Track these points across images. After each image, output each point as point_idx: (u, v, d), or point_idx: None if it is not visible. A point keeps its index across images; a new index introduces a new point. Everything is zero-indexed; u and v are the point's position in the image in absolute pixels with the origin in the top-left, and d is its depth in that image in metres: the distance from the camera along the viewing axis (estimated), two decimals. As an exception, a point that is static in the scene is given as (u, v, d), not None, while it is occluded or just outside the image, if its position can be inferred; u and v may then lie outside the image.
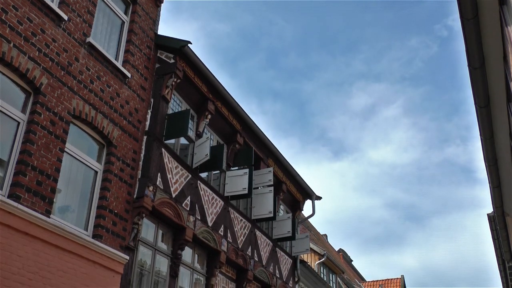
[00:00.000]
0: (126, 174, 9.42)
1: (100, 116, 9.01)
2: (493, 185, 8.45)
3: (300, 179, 16.50)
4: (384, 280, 40.66)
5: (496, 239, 13.04)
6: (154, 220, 10.23)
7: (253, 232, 13.89)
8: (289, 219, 15.60)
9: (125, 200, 9.26)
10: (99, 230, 8.53)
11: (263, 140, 14.52)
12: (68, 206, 8.49)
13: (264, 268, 14.06)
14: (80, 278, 7.82)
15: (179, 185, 10.73)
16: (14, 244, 6.84)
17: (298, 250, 16.55)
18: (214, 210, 12.01)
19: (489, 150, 7.56)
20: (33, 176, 7.38)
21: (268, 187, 14.16)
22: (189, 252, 11.27)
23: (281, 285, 15.04)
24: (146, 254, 9.94)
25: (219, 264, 11.83)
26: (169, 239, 10.63)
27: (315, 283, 18.67)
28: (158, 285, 10.12)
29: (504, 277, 17.34)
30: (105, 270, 8.39)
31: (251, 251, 13.50)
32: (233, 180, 12.82)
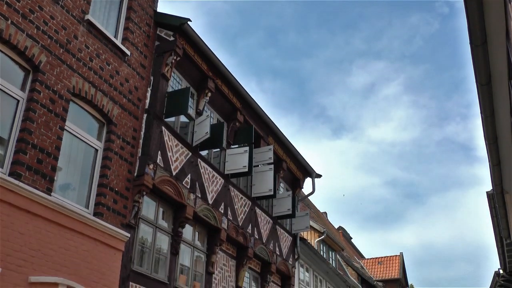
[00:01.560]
0: (127, 152, 9.43)
1: (100, 94, 8.98)
2: (492, 163, 8.45)
3: (300, 157, 16.52)
4: (383, 257, 41.04)
5: (494, 217, 13.10)
6: (154, 198, 10.27)
7: (253, 210, 13.96)
8: (289, 197, 15.67)
9: (125, 178, 9.29)
10: (100, 208, 8.57)
11: (263, 118, 14.50)
12: (69, 184, 8.52)
13: (264, 246, 14.17)
14: (81, 255, 7.89)
15: (180, 163, 10.75)
16: (15, 221, 6.88)
17: (298, 228, 16.66)
18: (215, 188, 12.05)
19: (490, 128, 7.54)
20: (33, 154, 7.38)
21: (268, 165, 14.19)
22: (189, 230, 11.34)
23: (281, 262, 15.18)
24: (147, 231, 10.00)
25: (220, 242, 11.92)
26: (169, 217, 10.69)
27: (315, 260, 18.84)
28: (159, 262, 10.21)
29: (502, 254, 17.48)
30: (106, 248, 8.45)
31: (251, 228, 13.59)
32: (233, 158, 12.84)
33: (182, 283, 10.68)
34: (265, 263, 14.40)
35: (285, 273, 15.45)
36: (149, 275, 9.66)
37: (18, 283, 6.73)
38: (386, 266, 39.86)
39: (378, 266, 39.92)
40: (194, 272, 11.29)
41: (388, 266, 39.82)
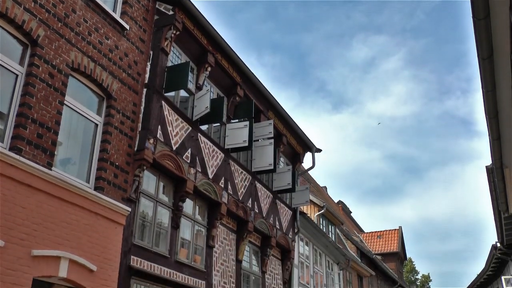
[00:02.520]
0: (127, 126, 9.42)
1: (99, 69, 8.93)
2: (493, 138, 8.46)
3: (300, 132, 16.53)
4: (382, 231, 41.40)
5: (493, 191, 13.17)
6: (155, 172, 10.31)
7: (253, 184, 14.02)
8: (289, 171, 15.73)
9: (126, 152, 9.30)
10: (101, 182, 8.61)
11: (263, 93, 14.45)
12: (70, 159, 8.54)
13: (264, 220, 14.27)
14: (83, 229, 7.95)
15: (180, 138, 10.75)
16: (17, 196, 6.92)
17: (298, 202, 16.76)
18: (215, 163, 12.08)
19: (490, 103, 7.53)
20: (33, 129, 7.38)
21: (268, 140, 14.20)
22: (190, 204, 11.41)
23: (281, 236, 15.31)
24: (147, 206, 10.06)
25: (220, 216, 12.00)
26: (170, 191, 10.74)
27: (315, 234, 18.99)
28: (160, 236, 10.29)
29: (500, 228, 17.64)
30: (108, 222, 8.52)
31: (251, 202, 13.67)
32: (234, 133, 12.84)
33: (183, 257, 10.80)
34: (265, 237, 14.53)
35: (285, 246, 15.60)
36: (150, 249, 9.76)
37: (21, 256, 6.80)
38: (385, 240, 40.25)
39: (377, 240, 40.32)
40: (195, 245, 11.39)
41: (387, 240, 40.22)
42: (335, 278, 21.52)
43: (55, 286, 7.66)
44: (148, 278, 9.53)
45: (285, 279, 15.75)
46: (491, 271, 24.35)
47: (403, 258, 43.46)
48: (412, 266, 50.52)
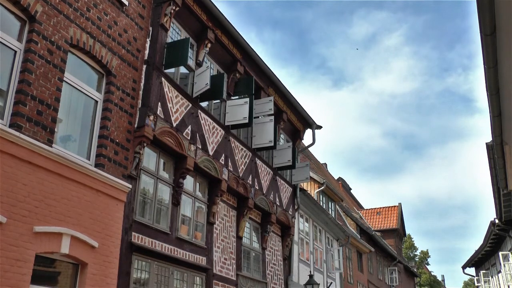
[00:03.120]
0: (126, 103, 9.39)
1: (98, 45, 8.86)
2: (493, 115, 8.42)
3: (300, 108, 16.49)
4: (381, 208, 41.63)
5: (493, 168, 13.22)
6: (155, 149, 10.31)
7: (253, 161, 14.05)
8: (289, 148, 15.74)
9: (126, 129, 9.29)
10: (101, 159, 8.62)
11: (263, 69, 14.38)
12: (70, 136, 8.53)
13: (265, 196, 14.34)
14: (84, 206, 7.99)
15: (180, 115, 10.73)
16: (18, 173, 6.93)
17: (298, 179, 16.81)
18: (215, 139, 12.08)
19: (492, 79, 7.48)
20: (33, 106, 7.36)
21: (268, 116, 14.18)
22: (190, 181, 11.45)
23: (281, 212, 15.39)
24: (148, 182, 10.09)
25: (220, 192, 12.05)
26: (170, 168, 10.76)
27: (315, 210, 19.10)
28: (161, 213, 10.35)
29: (498, 204, 17.74)
30: (109, 198, 8.55)
31: (251, 179, 13.71)
32: (234, 110, 12.81)
33: (184, 233, 10.87)
34: (265, 213, 14.61)
35: (285, 223, 15.70)
36: (151, 225, 9.82)
37: (23, 233, 6.84)
38: (385, 217, 40.50)
39: (377, 217, 40.56)
40: (196, 222, 11.47)
41: (387, 217, 40.46)
42: (335, 254, 21.71)
43: (57, 262, 7.73)
44: (150, 255, 9.61)
45: (285, 255, 15.90)
46: (489, 247, 24.57)
47: (402, 234, 43.79)
48: (411, 243, 50.93)
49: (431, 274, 51.30)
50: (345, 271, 23.97)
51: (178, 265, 10.39)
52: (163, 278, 9.97)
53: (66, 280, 7.84)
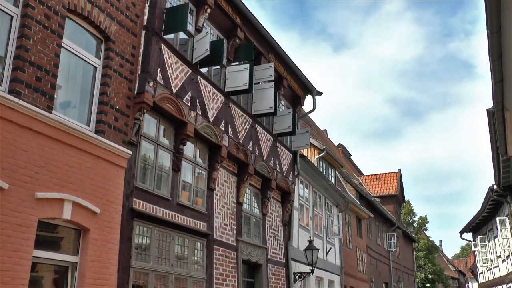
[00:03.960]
0: (126, 69, 9.32)
1: (96, 10, 8.74)
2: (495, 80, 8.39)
3: (301, 74, 16.40)
4: (381, 174, 41.85)
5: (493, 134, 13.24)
6: (155, 115, 10.29)
7: (254, 127, 14.05)
8: (289, 114, 15.72)
9: (125, 95, 9.25)
10: (101, 125, 8.61)
11: (263, 35, 14.23)
12: (69, 102, 8.50)
13: (265, 163, 14.39)
14: (85, 172, 8.02)
15: (180, 81, 10.67)
16: (18, 139, 6.93)
17: (298, 145, 16.85)
18: (215, 106, 12.04)
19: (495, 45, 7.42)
20: (31, 72, 7.30)
21: (268, 83, 14.11)
22: (191, 147, 11.47)
23: (281, 178, 15.48)
24: (148, 149, 10.11)
25: (221, 159, 12.08)
26: (170, 134, 10.77)
27: (315, 177, 19.20)
28: (161, 179, 10.40)
29: (497, 171, 17.84)
30: (109, 165, 8.58)
31: (252, 145, 13.74)
32: (234, 76, 12.73)
33: (185, 199, 10.95)
34: (265, 179, 14.69)
35: (285, 189, 15.80)
36: (152, 192, 9.88)
37: (25, 199, 6.89)
38: (384, 183, 40.76)
39: (376, 183, 40.83)
40: (196, 188, 11.54)
41: (386, 183, 40.73)
42: (334, 220, 21.94)
43: (60, 227, 7.81)
44: (151, 220, 9.71)
45: (285, 221, 16.06)
46: (486, 212, 24.81)
47: (402, 200, 44.15)
48: (410, 208, 51.38)
49: (429, 239, 51.91)
50: (345, 236, 24.26)
51: (179, 230, 10.51)
52: (164, 244, 10.10)
53: (68, 245, 7.94)
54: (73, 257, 7.87)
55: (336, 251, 21.98)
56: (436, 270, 48.82)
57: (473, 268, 36.83)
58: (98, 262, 8.06)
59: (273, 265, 14.87)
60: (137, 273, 9.24)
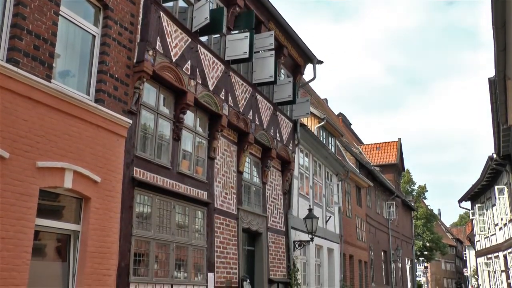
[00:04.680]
0: (125, 38, 9.23)
1: (94, -23, 8.59)
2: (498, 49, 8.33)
3: (301, 43, 16.25)
4: (381, 143, 41.91)
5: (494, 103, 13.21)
6: (155, 84, 10.24)
7: (254, 96, 13.99)
8: (290, 83, 15.64)
9: (125, 64, 9.18)
10: (101, 94, 8.57)
11: (263, 3, 14.05)
12: (68, 71, 8.44)
13: (265, 132, 14.39)
14: (85, 141, 8.02)
15: (179, 49, 10.57)
16: (18, 108, 6.91)
17: (298, 114, 16.82)
18: (215, 74, 11.97)
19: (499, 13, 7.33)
20: (29, 40, 7.22)
21: (269, 51, 13.99)
22: (191, 116, 11.45)
23: (281, 147, 15.50)
24: (148, 118, 10.09)
25: (221, 128, 12.07)
26: (170, 103, 10.73)
27: (315, 146, 19.22)
28: (162, 148, 10.41)
29: (497, 139, 17.87)
30: (109, 134, 8.58)
31: (252, 114, 13.71)
32: (234, 44, 12.62)
33: (185, 168, 10.99)
34: (265, 148, 14.71)
35: (285, 158, 15.85)
36: (153, 161, 9.91)
37: (26, 168, 6.92)
38: (384, 152, 40.85)
39: (376, 152, 40.92)
40: (196, 157, 11.56)
41: (386, 152, 40.82)
42: (334, 189, 22.07)
43: (61, 196, 7.86)
44: (151, 189, 9.76)
45: (285, 190, 16.16)
46: (485, 181, 24.95)
47: (401, 169, 44.34)
48: (409, 177, 51.62)
49: (428, 208, 52.34)
50: (344, 205, 24.45)
51: (179, 199, 10.58)
52: (165, 212, 10.18)
53: (70, 214, 8.00)
54: (75, 226, 7.95)
55: (335, 220, 22.19)
56: (434, 238, 49.38)
57: (470, 236, 37.24)
58: (100, 231, 8.14)
59: (273, 234, 15.03)
60: (138, 241, 9.34)
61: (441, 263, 69.90)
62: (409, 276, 41.77)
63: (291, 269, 15.68)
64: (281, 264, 15.27)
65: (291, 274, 15.61)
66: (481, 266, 31.45)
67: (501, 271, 25.36)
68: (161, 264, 9.98)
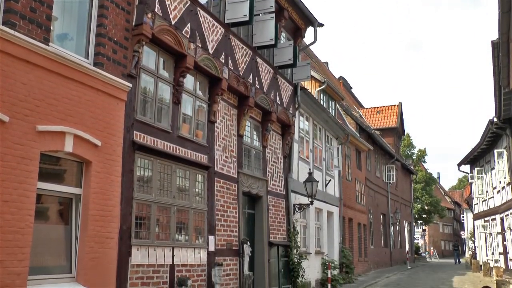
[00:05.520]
0: (123, 0, 9.07)
1: None
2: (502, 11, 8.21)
3: (302, 5, 16.02)
4: (381, 107, 41.81)
5: (496, 66, 13.11)
6: (154, 48, 10.14)
7: (254, 60, 13.88)
8: (290, 47, 15.49)
9: (123, 27, 9.06)
10: (100, 58, 8.49)
11: (264, -37, 13.77)
12: (66, 34, 8.33)
13: (265, 95, 14.33)
14: (85, 105, 7.99)
15: (178, 12, 10.42)
16: (16, 71, 6.85)
17: (298, 78, 16.72)
18: (215, 38, 11.83)
19: (503, -27, 7.19)
20: (25, 2, 7.09)
21: (269, 14, 13.81)
22: (190, 80, 11.38)
23: (282, 111, 15.46)
24: (148, 81, 10.03)
25: (221, 91, 12.01)
26: (170, 67, 10.65)
27: (315, 109, 19.18)
28: (162, 112, 10.39)
29: (498, 103, 17.84)
30: (109, 98, 8.54)
31: (252, 78, 13.62)
32: (234, 7, 12.44)
33: (185, 132, 10.99)
34: (265, 112, 14.68)
35: (285, 122, 15.83)
36: (153, 124, 9.90)
37: (27, 132, 6.91)
38: (384, 116, 40.81)
39: (377, 115, 40.87)
40: (197, 121, 11.54)
41: (386, 116, 40.77)
42: (334, 152, 22.13)
43: (62, 160, 7.88)
44: (152, 153, 9.78)
45: (285, 154, 16.20)
46: (485, 145, 25.02)
47: (401, 133, 44.38)
48: (409, 141, 51.68)
49: (427, 171, 52.60)
50: (344, 169, 24.58)
51: (180, 163, 10.62)
52: (165, 176, 10.23)
53: (72, 178, 8.04)
54: (77, 189, 8.00)
55: (335, 183, 22.34)
56: (432, 202, 49.82)
57: (468, 199, 37.59)
58: (101, 194, 8.20)
59: (273, 197, 15.15)
60: (139, 205, 9.42)
61: (439, 225, 70.75)
62: (407, 239, 42.37)
63: (291, 232, 15.88)
64: (281, 227, 15.45)
65: (290, 237, 15.81)
66: (478, 228, 31.84)
67: (497, 233, 25.71)
68: (163, 227, 10.09)
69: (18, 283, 6.61)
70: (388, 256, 34.36)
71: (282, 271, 15.09)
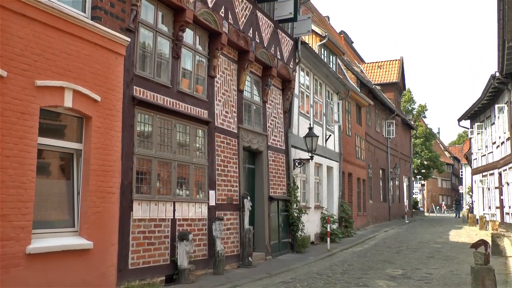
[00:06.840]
0: (119, -49, 8.84)
1: None
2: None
3: (303, -43, 15.64)
4: (383, 61, 41.43)
5: (501, 19, 12.90)
6: (153, 1, 9.95)
7: (254, 14, 13.65)
8: (291, 0, 15.20)
9: (121, -21, 8.85)
10: (97, 11, 8.34)
11: None
12: (62, -13, 8.15)
13: (265, 50, 14.17)
14: (84, 60, 7.90)
15: (176, -37, 10.17)
16: (13, 25, 6.74)
17: (299, 32, 16.50)
18: (214, -9, 11.59)
19: None
20: (20, -47, 6.91)
21: (269, -34, 13.49)
22: (190, 34, 11.22)
23: (282, 66, 15.33)
24: (147, 36, 9.89)
25: (221, 46, 11.86)
26: (169, 21, 10.48)
27: (316, 64, 19.01)
28: (161, 66, 10.29)
29: (501, 57, 17.67)
30: (108, 52, 8.43)
31: (252, 32, 13.43)
32: (233, -42, 12.13)
33: (185, 87, 10.92)
34: (266, 67, 14.55)
35: (286, 76, 15.72)
36: (152, 79, 9.82)
37: (26, 87, 6.86)
38: (386, 71, 40.49)
39: (378, 70, 40.54)
40: (196, 76, 11.45)
41: (388, 71, 40.46)
42: (334, 107, 22.08)
43: (62, 115, 7.86)
44: (152, 108, 9.75)
45: (286, 109, 16.16)
46: (486, 100, 24.93)
47: (402, 88, 44.15)
48: (410, 96, 51.49)
49: (427, 127, 52.64)
50: (344, 124, 24.58)
51: (180, 118, 10.60)
52: (166, 131, 10.23)
53: (72, 133, 8.04)
54: (77, 145, 8.01)
55: (335, 138, 22.39)
56: (432, 157, 50.07)
57: (467, 154, 37.75)
58: (102, 149, 8.22)
59: (273, 152, 15.21)
60: (140, 160, 9.46)
61: (437, 180, 71.40)
62: (406, 194, 42.82)
63: (290, 187, 16.02)
64: (281, 182, 15.57)
65: (290, 191, 15.97)
66: (476, 183, 32.13)
67: (494, 188, 25.97)
68: (163, 182, 10.17)
69: (22, 236, 6.72)
70: (386, 210, 34.80)
71: (282, 226, 15.31)
